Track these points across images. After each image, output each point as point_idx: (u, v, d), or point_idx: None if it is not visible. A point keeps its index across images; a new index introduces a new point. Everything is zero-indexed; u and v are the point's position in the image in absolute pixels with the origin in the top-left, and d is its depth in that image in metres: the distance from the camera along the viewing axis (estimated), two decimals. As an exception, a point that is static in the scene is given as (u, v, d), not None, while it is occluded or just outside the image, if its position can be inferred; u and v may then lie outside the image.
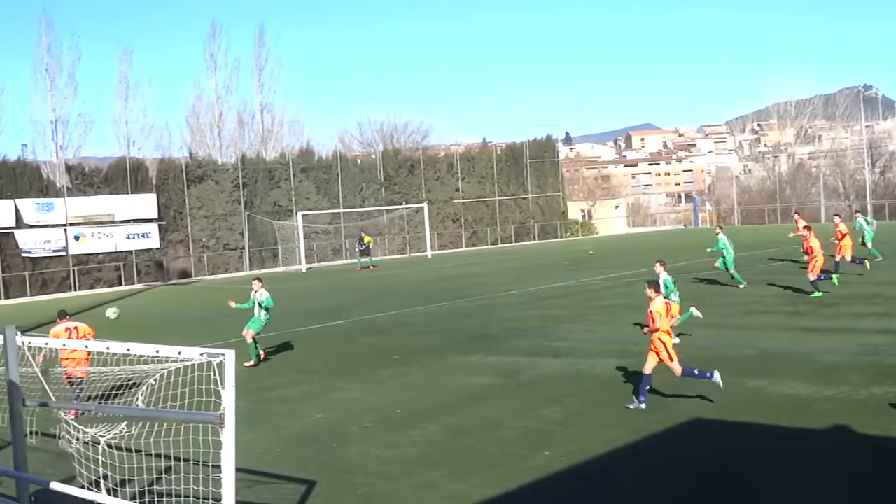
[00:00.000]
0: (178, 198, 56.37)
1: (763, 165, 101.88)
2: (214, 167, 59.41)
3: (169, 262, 55.58)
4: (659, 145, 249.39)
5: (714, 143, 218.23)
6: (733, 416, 14.01)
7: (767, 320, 23.06)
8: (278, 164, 62.02)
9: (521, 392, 16.78)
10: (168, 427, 10.55)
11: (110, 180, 53.98)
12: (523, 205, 72.43)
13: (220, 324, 30.40)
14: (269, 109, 67.79)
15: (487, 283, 37.64)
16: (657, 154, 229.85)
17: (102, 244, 52.34)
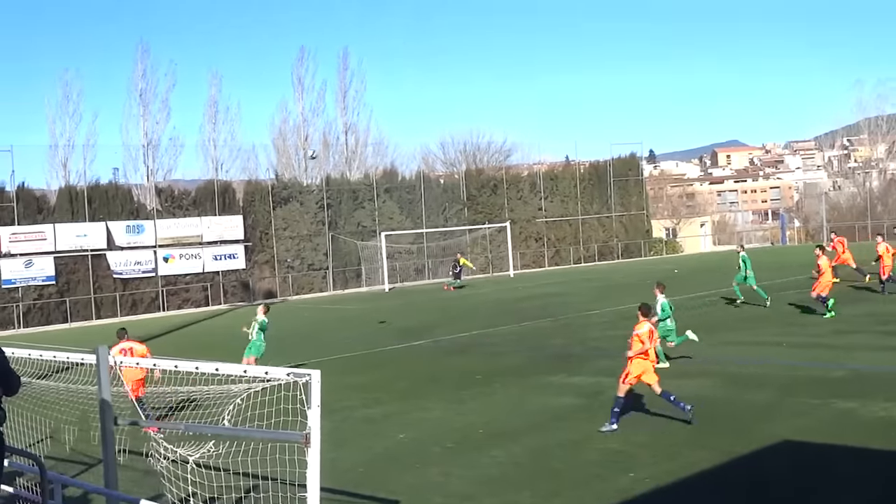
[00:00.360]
0: (263, 219, 57.26)
1: (853, 181, 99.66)
2: (300, 188, 60.22)
3: (255, 282, 56.40)
4: (745, 162, 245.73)
5: (802, 159, 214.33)
6: (822, 437, 13.75)
7: (857, 340, 22.55)
8: (362, 185, 62.62)
9: (604, 413, 16.62)
10: (254, 446, 10.74)
11: (198, 202, 55.09)
12: (606, 223, 71.95)
13: (304, 343, 30.75)
14: (353, 131, 68.49)
15: (570, 302, 37.47)
16: (743, 171, 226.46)
17: (190, 265, 53.39)
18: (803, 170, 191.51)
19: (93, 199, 51.45)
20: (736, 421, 15.11)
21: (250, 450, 10.63)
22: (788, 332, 24.72)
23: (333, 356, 26.55)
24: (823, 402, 15.84)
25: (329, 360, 25.76)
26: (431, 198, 64.30)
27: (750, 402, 16.62)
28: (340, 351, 27.61)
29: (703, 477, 12.34)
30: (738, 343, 23.58)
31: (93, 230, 50.57)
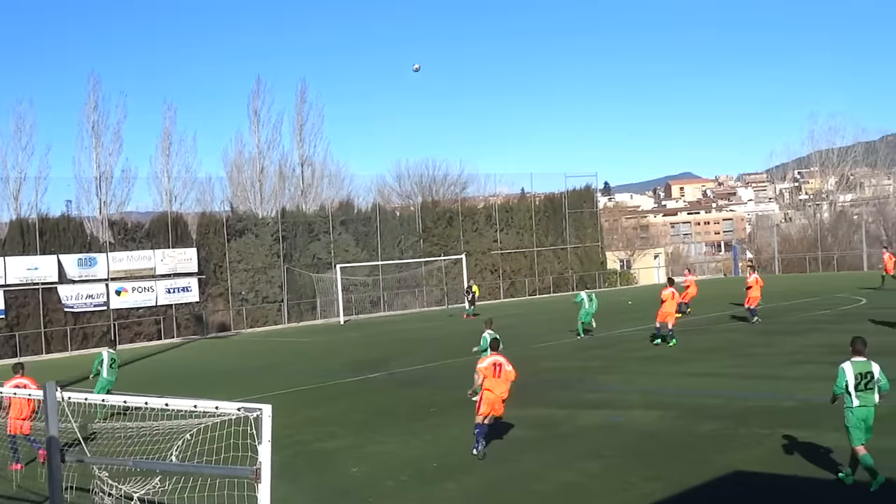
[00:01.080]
0: (218, 252, 56.89)
1: (804, 213, 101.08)
2: (255, 221, 59.95)
3: (208, 315, 55.94)
4: (698, 194, 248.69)
5: (754, 191, 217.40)
6: (774, 468, 13.84)
7: (809, 370, 22.74)
8: (318, 218, 62.47)
9: (558, 444, 16.65)
10: (203, 482, 10.57)
11: (152, 235, 54.63)
12: (562, 255, 72.30)
13: (257, 377, 30.51)
14: (309, 163, 68.40)
15: (525, 333, 37.51)
16: (696, 203, 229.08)
17: (143, 298, 52.85)
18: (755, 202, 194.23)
19: (44, 232, 50.85)
20: (689, 451, 15.17)
21: (198, 485, 10.46)
22: (740, 362, 24.91)
23: (287, 390, 26.33)
24: (774, 432, 15.96)
25: (283, 393, 25.56)
26: (387, 230, 64.28)
27: (703, 432, 16.69)
28: (294, 384, 27.40)
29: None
30: (692, 374, 23.71)
31: (44, 263, 49.94)
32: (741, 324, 34.56)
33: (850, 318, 34.28)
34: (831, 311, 37.25)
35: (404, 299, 64.29)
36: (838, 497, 12.38)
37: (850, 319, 33.59)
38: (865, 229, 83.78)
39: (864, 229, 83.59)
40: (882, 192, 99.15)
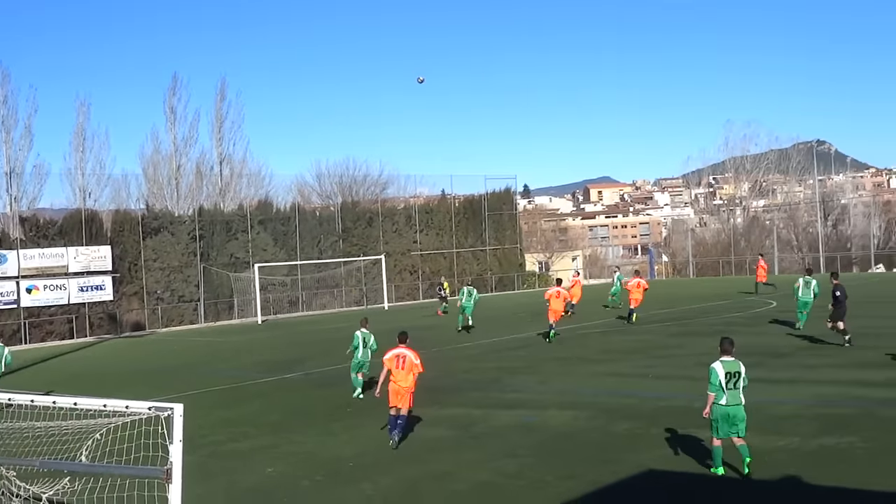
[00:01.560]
0: (133, 250, 55.89)
1: (718, 218, 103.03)
2: (171, 219, 59.05)
3: (122, 314, 54.97)
4: (616, 198, 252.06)
5: (670, 196, 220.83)
6: (685, 467, 14.09)
7: (720, 372, 23.15)
8: (236, 216, 61.77)
9: (474, 445, 16.72)
10: (113, 482, 10.38)
11: (65, 232, 53.46)
12: (481, 256, 72.59)
13: (172, 377, 30.09)
14: (228, 162, 67.68)
15: (443, 335, 37.57)
16: (614, 207, 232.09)
17: (55, 296, 51.67)
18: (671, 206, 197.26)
19: (-48, 228, 49.49)
20: (603, 451, 15.36)
21: (108, 486, 10.28)
22: (655, 363, 25.29)
23: (202, 390, 26.03)
24: (687, 432, 16.24)
25: (197, 393, 25.25)
26: (306, 230, 63.87)
27: (617, 432, 16.92)
28: (209, 384, 27.08)
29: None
30: (607, 375, 24.01)
31: (-49, 260, 48.59)
32: (656, 325, 35.08)
33: (760, 320, 35.03)
34: (743, 313, 38.00)
35: (323, 299, 63.95)
36: (747, 495, 12.64)
37: (761, 322, 34.33)
38: (777, 234, 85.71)
39: (776, 234, 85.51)
40: (793, 198, 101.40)
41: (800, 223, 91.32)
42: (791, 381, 21.09)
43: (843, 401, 18.42)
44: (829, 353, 24.82)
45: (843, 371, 21.87)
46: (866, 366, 22.40)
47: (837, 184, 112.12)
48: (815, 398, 18.91)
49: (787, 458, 14.08)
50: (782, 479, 12.96)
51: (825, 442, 14.94)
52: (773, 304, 41.34)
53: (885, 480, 12.59)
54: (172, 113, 65.07)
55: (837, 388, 19.77)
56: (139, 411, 8.84)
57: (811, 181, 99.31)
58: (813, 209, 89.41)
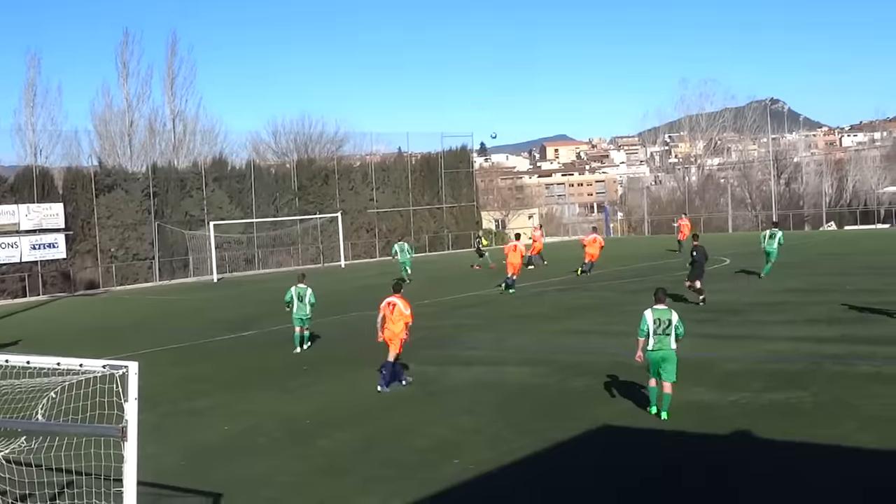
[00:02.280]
0: (86, 207, 55.16)
1: (674, 176, 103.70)
2: (124, 176, 58.26)
3: (76, 272, 54.37)
4: (573, 156, 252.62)
5: (626, 154, 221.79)
6: (640, 422, 14.25)
7: (675, 328, 23.41)
8: (190, 174, 61.13)
9: (432, 401, 16.82)
10: (69, 441, 10.32)
11: (16, 189, 52.60)
12: (437, 214, 72.58)
13: (126, 335, 29.89)
14: (181, 118, 66.88)
15: (401, 292, 37.57)
16: (571, 165, 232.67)
17: (6, 255, 50.93)
18: (627, 164, 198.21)
19: None
20: (559, 407, 15.51)
21: (64, 444, 10.22)
22: (611, 320, 25.49)
23: (158, 348, 25.91)
24: (641, 388, 16.41)
25: (153, 352, 25.12)
26: (262, 187, 63.41)
27: (573, 388, 17.09)
28: (165, 343, 26.97)
29: (527, 462, 12.60)
30: (564, 332, 24.17)
31: None
32: (613, 282, 35.36)
33: (713, 277, 35.37)
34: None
35: (279, 257, 63.66)
36: (700, 448, 12.83)
37: (713, 279, 34.67)
38: (731, 192, 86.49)
39: (730, 192, 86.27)
40: (748, 156, 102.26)
41: (754, 181, 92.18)
42: (744, 338, 21.39)
43: (793, 357, 18.72)
44: (782, 310, 25.17)
45: (795, 327, 22.21)
46: (817, 322, 22.77)
47: (791, 142, 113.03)
48: (767, 354, 19.20)
49: (739, 413, 14.30)
50: (733, 433, 13.18)
51: (775, 397, 15.19)
52: (727, 262, 41.77)
53: (832, 432, 12.86)
54: (125, 68, 64.11)
55: (789, 345, 20.09)
56: (93, 369, 8.75)
57: (765, 140, 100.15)
58: (767, 168, 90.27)
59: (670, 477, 11.74)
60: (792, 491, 10.88)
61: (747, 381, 16.49)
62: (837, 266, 36.17)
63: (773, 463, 11.90)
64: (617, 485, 11.56)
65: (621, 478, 11.81)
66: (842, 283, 30.10)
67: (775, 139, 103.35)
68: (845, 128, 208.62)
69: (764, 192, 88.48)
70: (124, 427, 7.97)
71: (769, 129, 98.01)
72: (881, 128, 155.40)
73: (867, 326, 21.64)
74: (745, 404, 14.86)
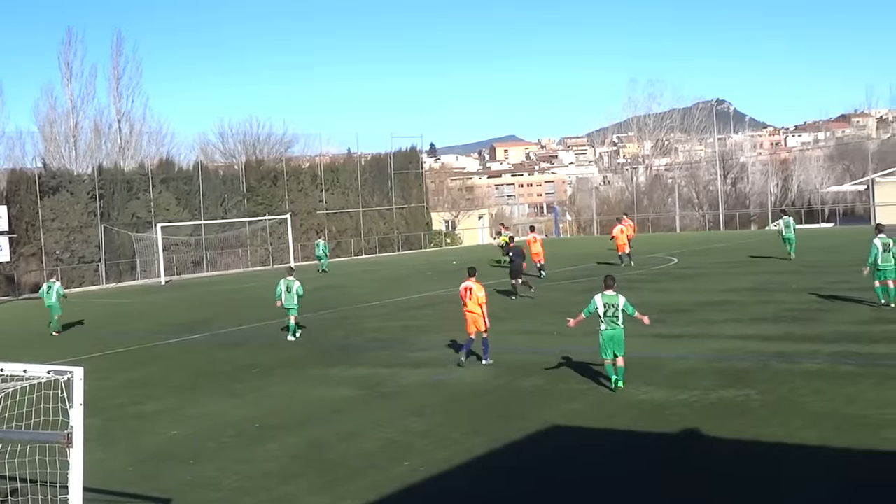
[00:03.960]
0: (30, 209, 54.37)
1: (622, 177, 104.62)
2: (70, 178, 57.51)
3: (20, 275, 53.57)
4: (522, 157, 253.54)
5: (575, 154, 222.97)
6: (590, 422, 14.35)
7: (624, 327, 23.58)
8: (137, 175, 60.48)
9: (382, 404, 16.79)
10: (14, 448, 10.18)
11: (-43, 191, 51.78)
12: (387, 216, 72.50)
13: (72, 340, 29.51)
14: (127, 119, 66.15)
15: (350, 294, 37.53)
16: (520, 165, 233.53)
17: (-52, 258, 50.05)
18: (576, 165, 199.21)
19: None
20: (510, 408, 15.56)
21: (8, 451, 10.07)
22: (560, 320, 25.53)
23: (104, 352, 25.62)
24: (591, 387, 16.57)
25: (99, 356, 24.85)
26: (210, 189, 62.93)
27: (524, 388, 17.15)
28: (112, 347, 26.67)
29: (478, 463, 12.62)
30: (513, 332, 24.19)
31: None
32: (562, 283, 35.49)
33: (661, 277, 35.74)
34: (644, 270, 38.64)
35: (228, 259, 63.24)
36: (649, 447, 12.94)
37: (662, 279, 35.03)
38: (679, 192, 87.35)
39: (678, 192, 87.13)
40: (695, 156, 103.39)
41: (701, 181, 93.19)
42: (692, 336, 21.60)
43: (741, 355, 18.93)
44: (729, 310, 25.43)
45: (742, 326, 22.46)
46: (763, 321, 23.03)
47: (736, 142, 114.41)
48: (715, 353, 19.40)
49: (688, 411, 14.45)
50: (682, 431, 13.31)
51: (724, 395, 15.36)
52: (675, 262, 42.19)
53: (779, 430, 13.01)
54: (68, 68, 63.36)
55: (736, 343, 20.31)
56: (38, 375, 8.64)
57: (711, 140, 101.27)
58: (713, 168, 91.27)
59: (617, 475, 11.82)
60: (736, 488, 10.99)
61: (696, 380, 16.65)
62: (782, 265, 36.62)
63: (719, 460, 12.04)
64: (566, 485, 11.61)
65: (571, 477, 11.87)
66: (787, 283, 30.49)
67: (721, 139, 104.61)
68: (790, 128, 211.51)
69: (711, 191, 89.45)
70: (70, 433, 7.88)
71: (715, 130, 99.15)
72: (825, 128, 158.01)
73: (810, 325, 21.94)
74: (694, 402, 15.01)
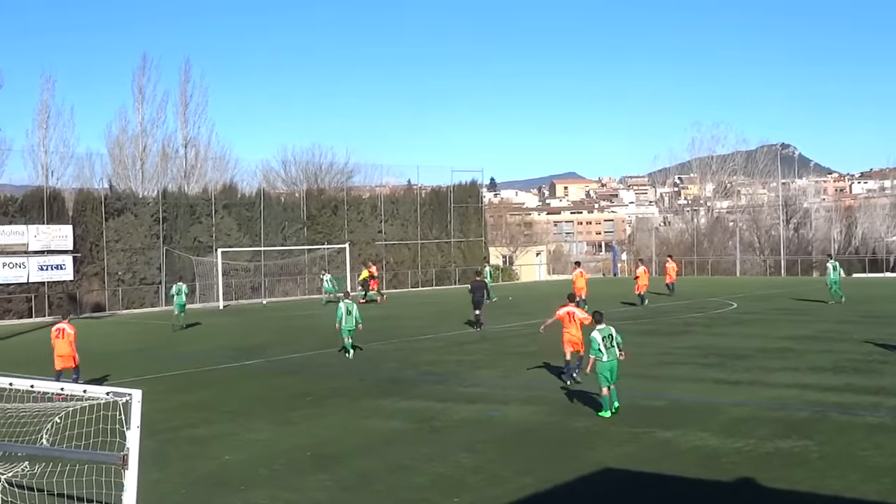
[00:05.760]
0: (95, 230, 55.34)
1: (682, 218, 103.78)
2: (135, 200, 58.51)
3: (82, 295, 54.47)
4: (582, 194, 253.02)
5: (635, 194, 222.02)
6: (642, 466, 14.18)
7: (679, 371, 23.39)
8: (200, 200, 61.36)
9: (433, 438, 16.75)
10: (72, 467, 10.32)
11: (25, 210, 52.79)
12: (445, 249, 72.62)
13: (131, 360, 29.87)
14: (193, 144, 67.18)
15: (405, 325, 37.60)
16: (580, 203, 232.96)
17: (14, 275, 51.05)
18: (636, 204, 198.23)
19: (-90, 202, 48.76)
20: (562, 447, 15.44)
21: (66, 470, 10.21)
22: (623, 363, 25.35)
23: (161, 374, 25.87)
24: (644, 430, 16.37)
25: (157, 377, 25.08)
26: (271, 216, 63.59)
27: (576, 428, 17.01)
28: (169, 369, 26.95)
29: (526, 503, 12.53)
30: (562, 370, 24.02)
31: None
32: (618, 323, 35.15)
33: (720, 321, 35.34)
34: (703, 314, 38.28)
35: (286, 286, 63.73)
36: (703, 495, 12.76)
37: (720, 323, 34.65)
38: (739, 236, 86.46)
39: (739, 236, 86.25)
40: (757, 200, 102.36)
41: (762, 225, 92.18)
42: (749, 383, 21.29)
43: (799, 404, 18.62)
44: (788, 357, 25.08)
45: (801, 375, 22.11)
46: (823, 370, 22.66)
47: (800, 187, 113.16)
48: (773, 401, 19.11)
49: (743, 460, 14.23)
50: (737, 480, 13.11)
51: (780, 445, 15.10)
52: (734, 306, 41.70)
53: (836, 483, 12.76)
54: (141, 93, 64.52)
55: (794, 392, 19.99)
56: (97, 396, 8.78)
57: (775, 184, 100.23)
58: (776, 212, 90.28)
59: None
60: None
61: (753, 428, 16.40)
62: (843, 314, 36.05)
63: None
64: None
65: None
66: (847, 332, 29.99)
67: (785, 184, 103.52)
68: (855, 175, 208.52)
69: (772, 236, 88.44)
70: (126, 455, 8.00)
71: (779, 174, 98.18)
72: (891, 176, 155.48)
73: (872, 377, 21.54)
74: (750, 451, 14.77)
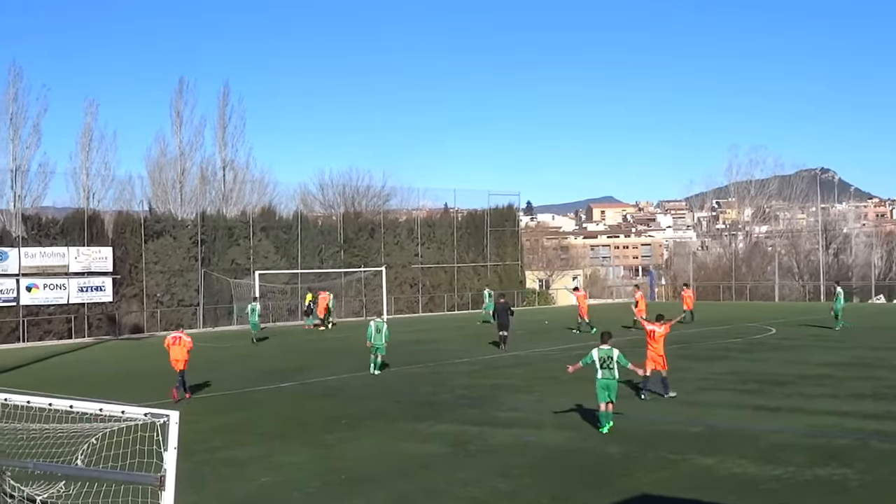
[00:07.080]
0: (134, 252, 55.93)
1: (720, 242, 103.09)
2: (174, 223, 59.11)
3: (121, 316, 54.99)
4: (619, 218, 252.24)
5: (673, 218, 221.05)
6: (679, 492, 14.03)
7: (717, 397, 23.17)
8: (238, 222, 61.86)
9: (469, 462, 16.68)
10: (108, 487, 10.36)
11: (66, 231, 53.50)
12: (481, 272, 72.61)
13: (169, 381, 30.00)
14: (231, 167, 67.70)
15: (441, 349, 37.57)
16: (617, 227, 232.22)
17: (55, 296, 51.70)
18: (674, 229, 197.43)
19: (-46, 224, 49.52)
20: (599, 473, 15.32)
21: (102, 491, 10.26)
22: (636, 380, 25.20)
23: (198, 395, 26.02)
24: (682, 457, 16.20)
25: (194, 399, 25.26)
26: (308, 238, 63.95)
27: (612, 454, 16.87)
28: (206, 390, 27.10)
29: (563, 529, 12.44)
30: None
31: (-48, 255, 48.62)
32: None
33: (759, 347, 35.01)
34: (742, 339, 37.94)
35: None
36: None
37: (759, 349, 34.32)
38: (778, 261, 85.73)
39: (777, 261, 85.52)
40: (796, 225, 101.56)
41: (801, 251, 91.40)
42: (788, 410, 21.05)
43: (838, 432, 18.37)
44: (827, 384, 24.79)
45: (840, 402, 21.83)
46: (863, 397, 22.37)
47: (840, 212, 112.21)
48: (812, 428, 18.87)
49: (781, 487, 14.05)
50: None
51: (819, 472, 14.90)
52: (772, 332, 41.31)
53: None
54: (178, 117, 65.12)
55: (833, 419, 19.72)
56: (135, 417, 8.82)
57: (814, 209, 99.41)
58: (815, 237, 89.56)
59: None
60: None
61: (791, 455, 16.19)
62: (885, 340, 35.58)
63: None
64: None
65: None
66: (887, 359, 29.61)
67: (824, 209, 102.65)
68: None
69: (812, 262, 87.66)
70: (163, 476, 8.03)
71: (818, 199, 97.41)
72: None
73: (915, 404, 21.23)
74: (788, 479, 14.58)
